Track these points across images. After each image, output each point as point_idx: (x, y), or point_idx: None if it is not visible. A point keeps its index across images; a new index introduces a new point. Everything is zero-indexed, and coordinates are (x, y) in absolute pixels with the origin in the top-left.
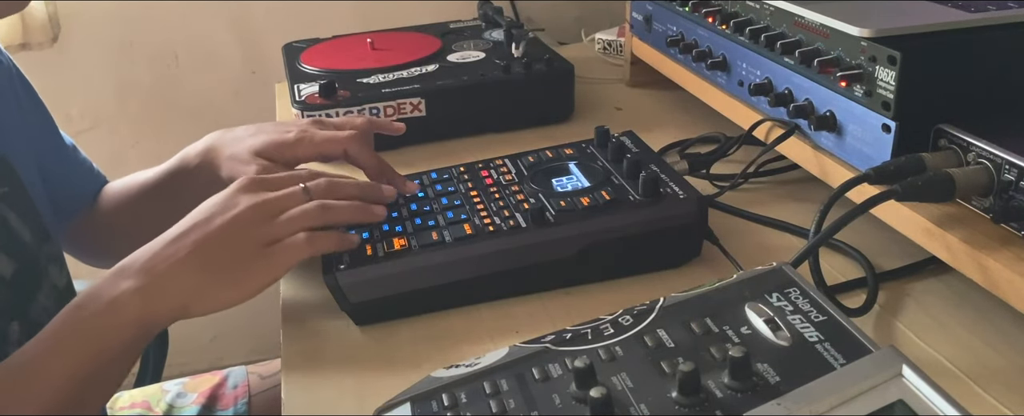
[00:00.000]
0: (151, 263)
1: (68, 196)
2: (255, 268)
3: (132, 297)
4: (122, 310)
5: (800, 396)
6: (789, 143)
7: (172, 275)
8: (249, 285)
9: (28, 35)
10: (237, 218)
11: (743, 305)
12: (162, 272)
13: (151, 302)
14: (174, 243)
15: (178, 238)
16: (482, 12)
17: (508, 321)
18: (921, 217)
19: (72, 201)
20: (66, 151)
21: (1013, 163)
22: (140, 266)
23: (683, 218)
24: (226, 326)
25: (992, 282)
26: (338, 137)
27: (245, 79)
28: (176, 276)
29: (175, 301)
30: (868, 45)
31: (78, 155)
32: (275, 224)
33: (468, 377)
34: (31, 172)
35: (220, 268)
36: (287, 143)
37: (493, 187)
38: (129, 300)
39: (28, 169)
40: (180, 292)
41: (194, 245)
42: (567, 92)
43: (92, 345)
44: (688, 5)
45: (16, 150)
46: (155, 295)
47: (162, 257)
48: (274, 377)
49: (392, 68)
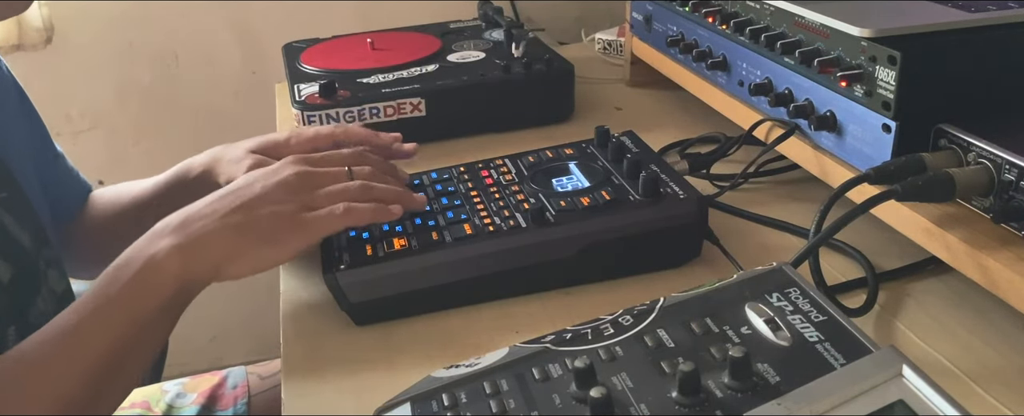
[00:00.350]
0: (189, 221)
1: (57, 204)
2: (291, 231)
3: (170, 254)
4: (161, 268)
5: (800, 396)
6: (789, 143)
7: (210, 233)
8: (283, 248)
9: (23, 36)
10: (280, 184)
11: (743, 305)
12: (199, 229)
13: (189, 260)
14: (214, 203)
15: (219, 199)
16: (482, 12)
17: (508, 321)
18: (921, 217)
19: (61, 210)
20: (57, 159)
21: (1013, 163)
22: (178, 224)
23: (683, 218)
24: (226, 326)
25: (992, 282)
26: (325, 130)
27: (245, 79)
28: (213, 234)
29: (212, 260)
30: (868, 45)
31: (65, 163)
32: (316, 195)
33: (468, 377)
34: (29, 176)
35: (257, 229)
36: (280, 141)
37: (493, 187)
38: (167, 257)
39: (26, 173)
40: (217, 251)
41: (233, 205)
42: (567, 92)
43: (133, 306)
44: (688, 5)
45: (14, 154)
46: (193, 252)
47: (200, 215)
48: (274, 377)
49: (392, 68)
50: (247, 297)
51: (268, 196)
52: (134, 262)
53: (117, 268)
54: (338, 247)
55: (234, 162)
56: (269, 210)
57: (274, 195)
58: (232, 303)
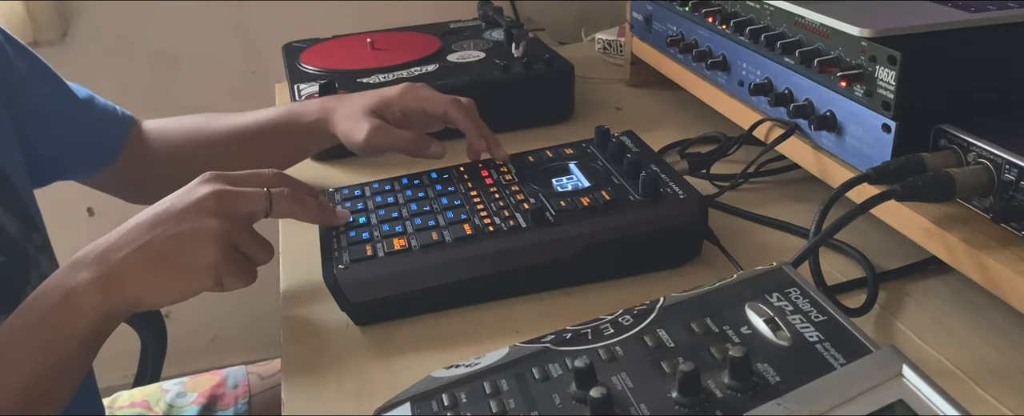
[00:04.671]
0: (106, 253)
1: (97, 145)
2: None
3: (88, 288)
4: (79, 301)
5: (800, 396)
6: (789, 143)
7: (130, 265)
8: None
9: (37, 32)
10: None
11: (743, 305)
12: (117, 261)
13: (110, 292)
14: (131, 232)
15: (136, 227)
16: (482, 12)
17: (508, 321)
18: (921, 217)
19: (103, 149)
20: (81, 103)
21: (1013, 163)
22: (95, 256)
23: (683, 218)
24: (226, 326)
25: (992, 282)
26: (441, 97)
27: (245, 79)
28: (134, 266)
29: (133, 291)
30: (868, 45)
31: (97, 103)
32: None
33: (468, 377)
34: (16, 162)
35: (178, 257)
36: (393, 97)
37: (493, 187)
38: (85, 291)
39: (12, 160)
40: (138, 282)
41: (152, 234)
42: (567, 92)
43: (52, 338)
44: (688, 5)
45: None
46: (113, 285)
47: (119, 246)
48: (274, 377)
49: (392, 68)
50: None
51: (187, 221)
52: (52, 296)
53: (35, 300)
54: (338, 247)
55: (352, 119)
56: (190, 236)
57: (193, 220)
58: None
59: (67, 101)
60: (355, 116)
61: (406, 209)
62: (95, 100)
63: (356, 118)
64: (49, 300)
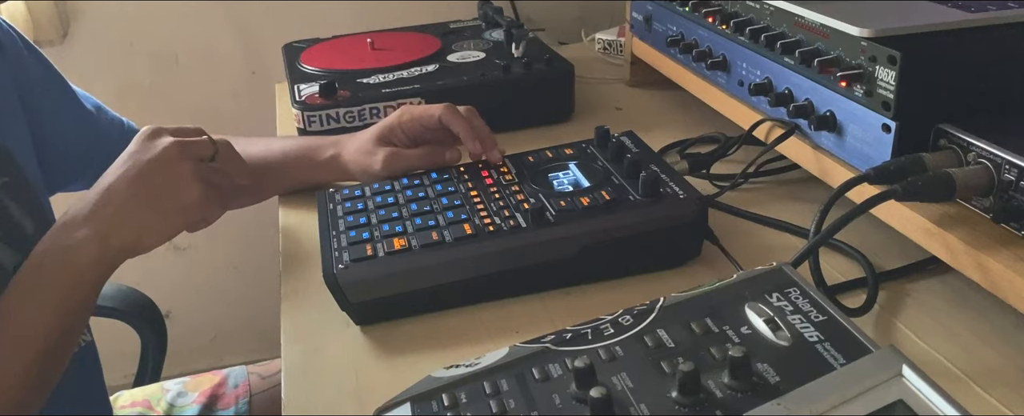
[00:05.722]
0: (96, 210)
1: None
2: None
3: (89, 243)
4: (80, 258)
5: (800, 396)
6: (789, 143)
7: (123, 216)
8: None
9: (38, 32)
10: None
11: (743, 305)
12: (111, 215)
13: (109, 243)
14: (110, 190)
15: (114, 185)
16: (482, 12)
17: (508, 321)
18: (921, 217)
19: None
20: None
21: (1013, 163)
22: (86, 215)
23: (683, 218)
24: (227, 326)
25: (992, 282)
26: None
27: (245, 79)
28: (127, 216)
29: (131, 237)
30: (868, 45)
31: (104, 113)
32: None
33: (468, 377)
34: (31, 162)
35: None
36: (392, 123)
37: (493, 187)
38: (86, 247)
39: (28, 159)
40: (134, 229)
41: (133, 186)
42: (567, 92)
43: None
44: (688, 5)
45: (16, 140)
46: (112, 237)
47: (104, 203)
48: (274, 377)
49: (392, 68)
50: (247, 297)
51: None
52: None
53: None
54: (338, 247)
55: (363, 152)
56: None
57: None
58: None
59: (77, 110)
60: (365, 149)
61: (406, 209)
62: (103, 110)
63: (366, 151)
64: (52, 260)
